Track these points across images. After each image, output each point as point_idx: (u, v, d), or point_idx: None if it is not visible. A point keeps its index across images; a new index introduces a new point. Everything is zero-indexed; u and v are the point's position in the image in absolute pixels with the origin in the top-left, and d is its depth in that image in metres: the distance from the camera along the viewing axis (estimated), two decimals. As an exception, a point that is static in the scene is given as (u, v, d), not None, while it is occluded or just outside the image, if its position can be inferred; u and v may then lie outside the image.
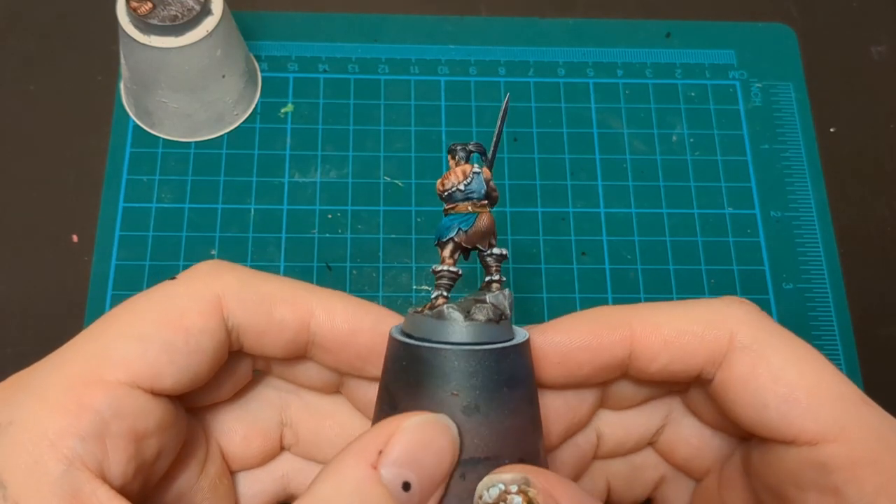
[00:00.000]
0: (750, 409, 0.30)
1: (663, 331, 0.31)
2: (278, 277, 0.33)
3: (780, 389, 0.29)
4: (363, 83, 0.54)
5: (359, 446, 0.27)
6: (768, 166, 0.53)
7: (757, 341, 0.31)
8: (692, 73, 0.55)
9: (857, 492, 0.28)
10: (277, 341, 0.32)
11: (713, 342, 0.31)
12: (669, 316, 0.32)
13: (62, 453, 0.26)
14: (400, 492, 0.27)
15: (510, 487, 0.27)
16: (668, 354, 0.31)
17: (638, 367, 0.32)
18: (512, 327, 0.31)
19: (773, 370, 0.30)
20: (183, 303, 0.30)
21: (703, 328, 0.31)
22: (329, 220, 0.50)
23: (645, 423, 0.36)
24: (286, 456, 0.37)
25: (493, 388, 0.29)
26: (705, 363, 0.31)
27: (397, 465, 0.27)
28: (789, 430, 0.29)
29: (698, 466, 0.36)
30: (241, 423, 0.35)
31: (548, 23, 0.57)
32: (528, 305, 0.48)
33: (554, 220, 0.50)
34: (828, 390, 0.30)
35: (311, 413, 0.36)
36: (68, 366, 0.29)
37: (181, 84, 0.48)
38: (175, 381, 0.30)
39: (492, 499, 0.27)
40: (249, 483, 0.36)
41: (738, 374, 0.30)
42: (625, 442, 0.36)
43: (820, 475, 0.29)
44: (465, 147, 0.32)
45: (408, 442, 0.27)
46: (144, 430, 0.29)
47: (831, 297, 0.49)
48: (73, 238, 0.49)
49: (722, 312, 0.31)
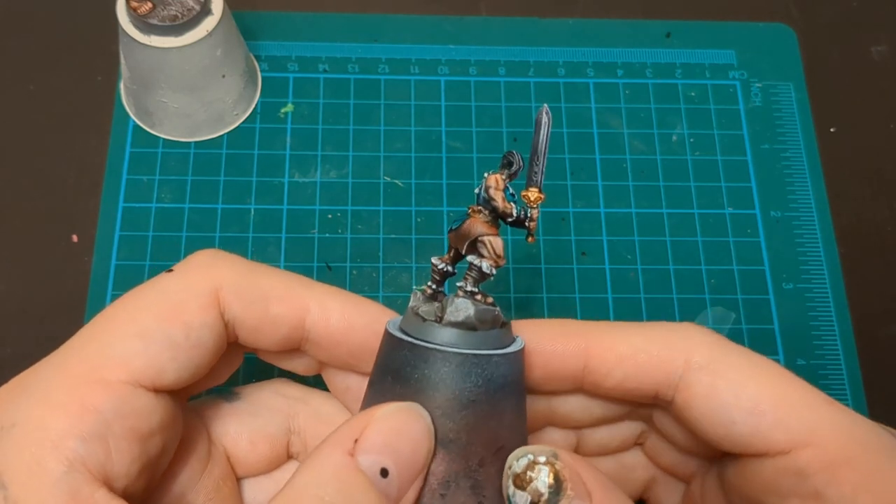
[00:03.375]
0: (718, 426, 0.30)
1: (619, 347, 0.32)
2: (275, 270, 0.33)
3: (745, 404, 0.30)
4: (363, 83, 0.54)
5: (335, 437, 0.28)
6: (768, 166, 0.53)
7: (713, 361, 0.31)
8: (692, 73, 0.55)
9: (837, 492, 0.28)
10: (273, 336, 0.32)
11: (668, 362, 0.31)
12: (627, 334, 0.32)
13: (64, 454, 0.26)
14: (378, 478, 0.27)
15: (538, 458, 0.28)
16: (623, 371, 0.32)
17: (593, 382, 0.33)
18: (511, 333, 0.31)
19: (733, 386, 0.30)
20: (182, 297, 0.30)
21: (659, 348, 0.31)
22: (329, 220, 0.50)
23: (627, 425, 0.36)
24: (293, 465, 0.37)
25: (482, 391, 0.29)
26: (660, 384, 0.32)
27: (373, 452, 0.27)
28: (761, 443, 0.30)
29: (682, 471, 0.36)
30: (248, 428, 0.35)
31: (548, 23, 0.57)
32: (528, 305, 0.48)
33: (554, 220, 0.50)
34: (792, 398, 0.30)
35: (319, 421, 0.36)
36: (69, 366, 0.29)
37: (181, 84, 0.48)
38: (177, 376, 0.30)
39: (520, 468, 0.28)
40: (255, 490, 0.36)
41: (698, 392, 0.31)
42: (609, 442, 0.37)
43: (798, 482, 0.29)
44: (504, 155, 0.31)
45: (382, 430, 0.28)
46: (147, 429, 0.29)
47: (831, 297, 0.49)
48: (73, 238, 0.49)
49: (678, 334, 0.32)
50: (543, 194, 0.31)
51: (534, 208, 0.31)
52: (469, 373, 0.29)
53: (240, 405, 0.36)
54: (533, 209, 0.31)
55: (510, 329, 0.31)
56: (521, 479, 0.28)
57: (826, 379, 0.47)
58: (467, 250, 0.31)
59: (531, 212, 0.31)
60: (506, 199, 0.31)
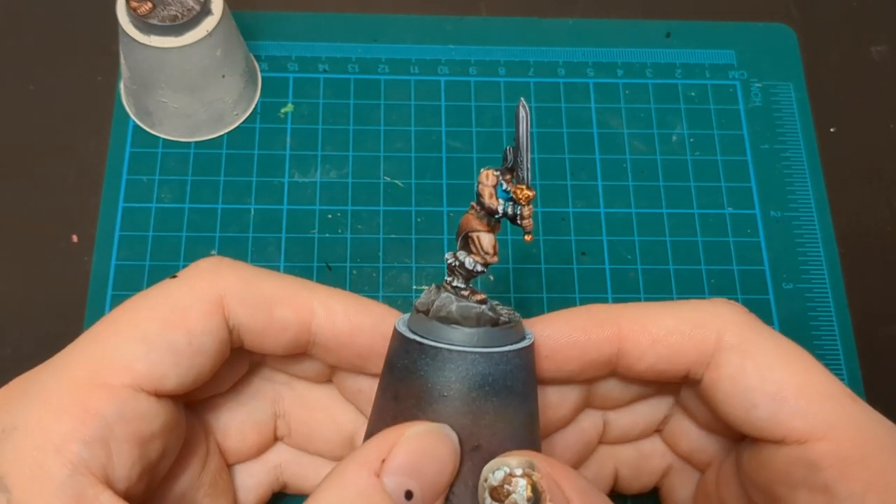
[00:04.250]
0: (739, 408, 0.30)
1: (651, 329, 0.32)
2: (280, 275, 0.33)
3: (769, 388, 0.30)
4: (363, 83, 0.54)
5: (362, 455, 0.28)
6: (768, 166, 0.53)
7: (745, 341, 0.31)
8: (692, 73, 0.55)
9: (847, 489, 0.28)
10: (278, 341, 0.32)
11: (701, 342, 0.31)
12: (658, 315, 0.32)
13: (66, 458, 0.26)
14: (403, 500, 0.27)
15: (515, 470, 0.27)
16: (656, 353, 0.32)
17: (626, 365, 0.32)
18: (522, 328, 0.31)
19: (760, 369, 0.30)
20: (185, 303, 0.30)
21: (691, 328, 0.31)
22: (329, 220, 0.50)
23: (652, 411, 0.36)
24: (280, 447, 0.37)
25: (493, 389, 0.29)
26: (693, 363, 0.31)
27: (400, 474, 0.27)
28: (778, 429, 0.29)
29: (700, 459, 0.36)
30: (237, 417, 0.36)
31: (548, 23, 0.57)
32: (528, 305, 0.48)
33: (554, 220, 0.50)
34: (816, 389, 0.30)
35: (303, 405, 0.36)
36: (72, 369, 0.28)
37: (181, 84, 0.48)
38: (179, 382, 0.30)
39: (497, 481, 0.27)
40: (245, 475, 0.37)
41: (726, 373, 0.31)
42: (631, 429, 0.37)
43: (810, 473, 0.29)
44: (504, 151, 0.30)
45: (410, 451, 0.27)
46: (149, 433, 0.29)
47: (831, 297, 0.49)
48: (73, 238, 0.49)
49: (710, 313, 0.32)
50: (532, 191, 0.29)
51: (524, 206, 0.30)
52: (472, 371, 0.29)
53: (227, 394, 0.36)
54: (524, 207, 0.30)
55: (519, 326, 0.31)
56: (499, 492, 0.27)
57: (826, 379, 0.47)
58: (460, 245, 0.31)
59: (522, 209, 0.30)
60: (493, 195, 0.30)
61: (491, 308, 0.30)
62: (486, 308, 0.30)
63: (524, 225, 0.30)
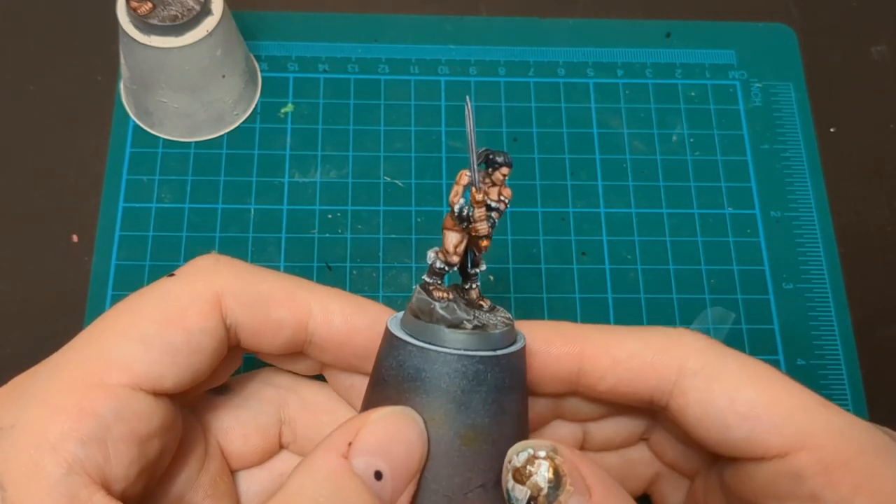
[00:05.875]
0: (713, 431, 0.30)
1: (613, 351, 0.32)
2: (277, 274, 0.33)
3: (739, 409, 0.30)
4: (363, 83, 0.54)
5: (329, 440, 0.28)
6: (768, 166, 0.53)
7: (708, 366, 0.31)
8: (692, 73, 0.55)
9: (834, 494, 0.28)
10: (275, 340, 0.32)
11: (663, 367, 0.31)
12: (622, 338, 0.32)
13: (62, 457, 0.26)
14: (373, 480, 0.27)
15: (538, 453, 0.28)
16: (617, 375, 0.32)
17: (587, 385, 0.33)
18: (514, 331, 0.31)
19: (728, 391, 0.30)
20: (183, 302, 0.30)
21: (654, 353, 0.31)
22: (329, 220, 0.50)
23: (632, 423, 0.37)
24: (285, 454, 0.37)
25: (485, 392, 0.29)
26: (654, 389, 0.32)
27: (367, 455, 0.27)
28: (757, 447, 0.30)
29: (686, 468, 0.36)
30: (240, 421, 0.36)
31: (548, 23, 0.57)
32: (528, 305, 0.48)
33: (554, 220, 0.50)
34: (786, 402, 0.30)
35: (308, 410, 0.36)
36: (69, 368, 0.29)
37: (181, 84, 0.48)
38: (176, 381, 0.30)
39: (520, 462, 0.28)
40: (250, 482, 0.37)
41: (693, 398, 0.31)
42: (614, 438, 0.37)
43: (795, 484, 0.29)
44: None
45: (375, 432, 0.28)
46: (146, 433, 0.29)
47: (831, 297, 0.49)
48: (73, 238, 0.49)
49: (673, 340, 0.32)
50: (480, 194, 0.29)
51: (478, 208, 0.29)
52: (464, 373, 0.29)
53: (230, 398, 0.36)
54: (476, 209, 0.29)
55: (511, 330, 0.31)
56: (521, 473, 0.28)
57: (826, 379, 0.47)
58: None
59: (473, 212, 0.29)
60: (458, 194, 0.29)
61: (446, 306, 0.29)
62: (439, 305, 0.29)
63: (474, 229, 0.29)
